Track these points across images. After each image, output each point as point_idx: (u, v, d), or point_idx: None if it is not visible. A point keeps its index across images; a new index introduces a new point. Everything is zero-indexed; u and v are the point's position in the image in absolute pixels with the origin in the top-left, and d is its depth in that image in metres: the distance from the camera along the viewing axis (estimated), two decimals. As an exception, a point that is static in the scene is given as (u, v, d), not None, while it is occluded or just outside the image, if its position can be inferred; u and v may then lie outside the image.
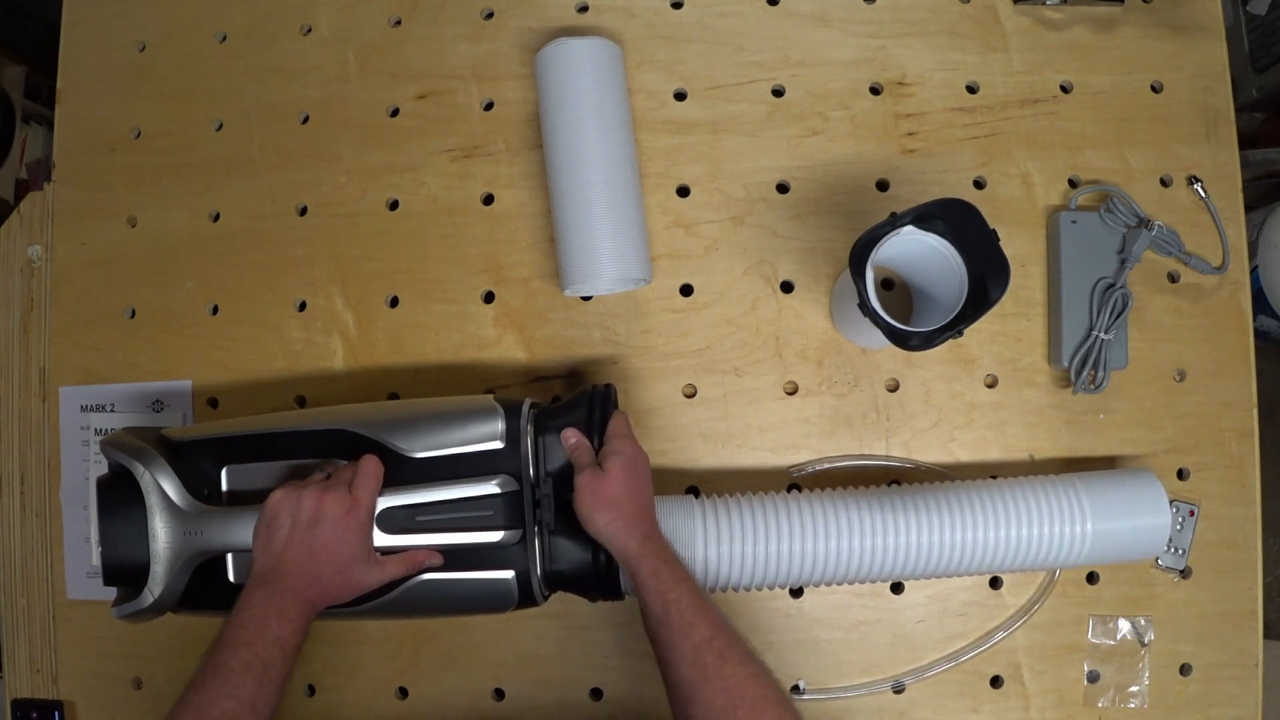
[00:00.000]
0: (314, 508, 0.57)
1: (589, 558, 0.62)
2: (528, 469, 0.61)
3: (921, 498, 0.65)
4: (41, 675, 0.79)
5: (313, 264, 0.78)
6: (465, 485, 0.60)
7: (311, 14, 0.82)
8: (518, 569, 0.61)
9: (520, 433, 0.62)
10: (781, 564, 0.64)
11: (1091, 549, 0.65)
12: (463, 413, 0.63)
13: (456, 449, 0.61)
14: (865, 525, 0.64)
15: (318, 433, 0.64)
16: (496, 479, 0.60)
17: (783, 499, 0.66)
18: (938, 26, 0.77)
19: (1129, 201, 0.73)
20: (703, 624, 0.55)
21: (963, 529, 0.64)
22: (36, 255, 0.83)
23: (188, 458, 0.64)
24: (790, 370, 0.74)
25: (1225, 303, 0.74)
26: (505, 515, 0.60)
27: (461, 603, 0.62)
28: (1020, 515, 0.64)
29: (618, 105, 0.71)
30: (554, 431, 0.63)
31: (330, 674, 0.75)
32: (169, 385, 0.79)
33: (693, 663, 0.54)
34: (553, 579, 0.63)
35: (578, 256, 0.69)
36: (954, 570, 0.66)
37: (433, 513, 0.60)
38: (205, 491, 0.63)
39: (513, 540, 0.60)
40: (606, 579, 0.62)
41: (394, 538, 0.60)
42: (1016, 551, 0.64)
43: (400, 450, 0.62)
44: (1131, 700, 0.71)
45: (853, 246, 0.61)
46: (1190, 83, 0.77)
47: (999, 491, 0.66)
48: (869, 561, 0.64)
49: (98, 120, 0.84)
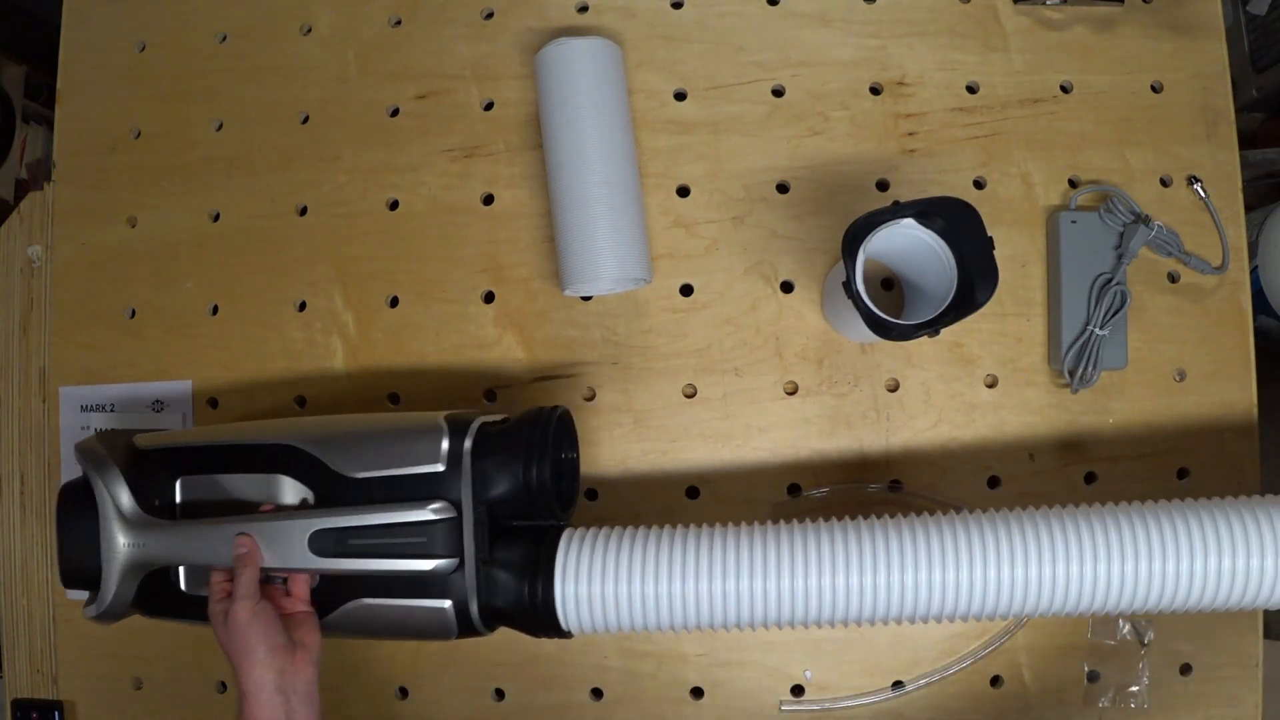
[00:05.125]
0: (227, 639, 0.57)
1: (524, 593, 0.58)
2: (468, 495, 0.58)
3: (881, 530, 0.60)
4: (41, 675, 0.79)
5: (313, 264, 0.79)
6: (400, 510, 0.57)
7: (311, 14, 0.82)
8: (455, 599, 0.58)
9: (463, 455, 0.59)
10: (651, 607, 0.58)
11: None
12: (407, 432, 0.60)
13: (396, 470, 0.58)
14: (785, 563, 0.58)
15: (266, 447, 0.62)
16: (433, 505, 0.57)
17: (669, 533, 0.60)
18: (938, 26, 0.77)
19: (1129, 201, 0.73)
20: None
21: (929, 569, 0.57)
22: (36, 255, 0.83)
23: (148, 467, 0.64)
24: (790, 370, 0.74)
25: (1225, 303, 0.74)
26: (441, 543, 0.57)
27: (399, 629, 0.60)
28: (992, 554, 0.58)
29: (618, 105, 0.71)
30: (496, 455, 0.59)
31: (330, 674, 0.75)
32: (169, 385, 0.79)
33: None
34: (491, 611, 0.59)
35: (578, 256, 0.69)
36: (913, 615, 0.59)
37: (365, 537, 0.58)
38: (157, 502, 0.63)
39: (447, 570, 0.57)
40: (544, 616, 0.59)
41: (326, 561, 0.58)
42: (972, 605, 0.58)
43: (340, 470, 0.59)
44: (1131, 700, 0.71)
45: (849, 227, 0.61)
46: (1190, 83, 0.77)
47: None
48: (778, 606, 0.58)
49: (98, 120, 0.84)
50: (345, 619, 0.60)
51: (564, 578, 0.58)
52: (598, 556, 0.58)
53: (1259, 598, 0.56)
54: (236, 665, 0.56)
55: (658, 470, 0.74)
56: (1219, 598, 0.56)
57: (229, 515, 0.60)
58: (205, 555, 0.60)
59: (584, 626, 0.59)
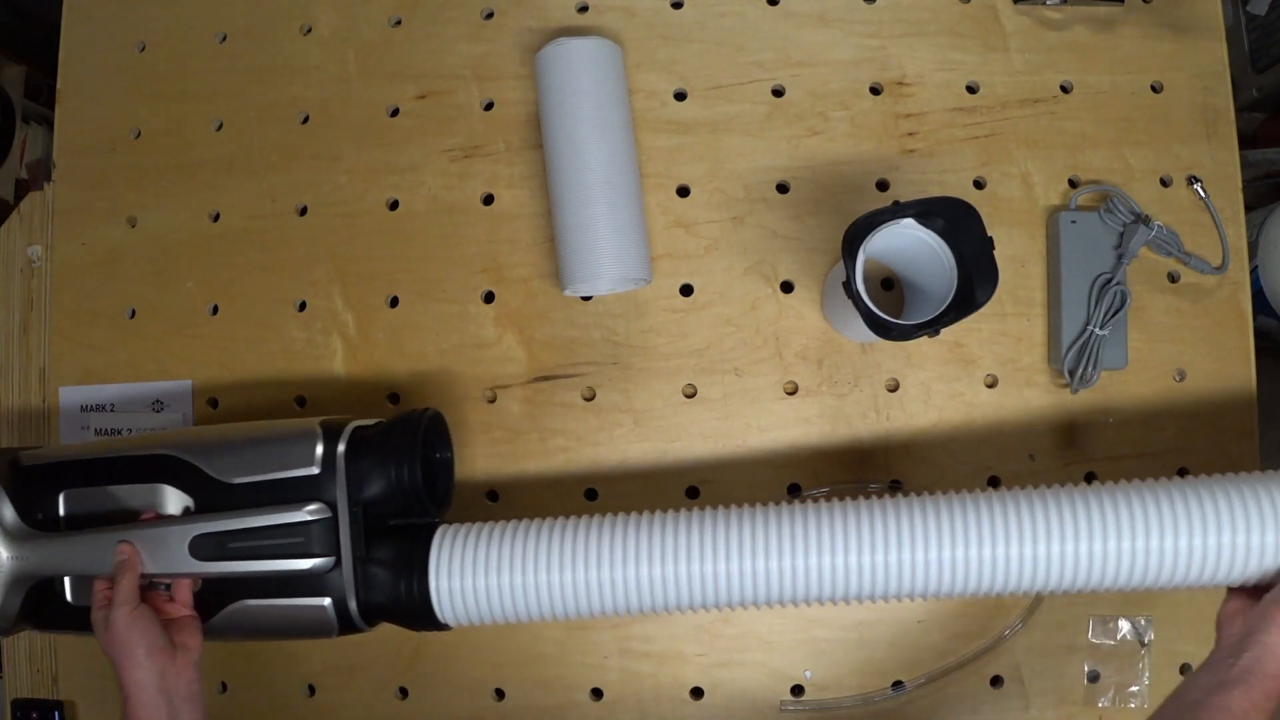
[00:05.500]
0: (108, 643, 0.58)
1: (401, 588, 0.60)
2: (343, 496, 0.60)
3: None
4: (41, 675, 0.79)
5: (313, 264, 0.79)
6: (276, 512, 0.59)
7: (311, 14, 0.82)
8: (334, 597, 0.60)
9: (336, 458, 0.61)
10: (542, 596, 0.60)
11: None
12: (282, 437, 0.62)
13: (272, 474, 0.60)
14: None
15: (147, 458, 0.64)
16: (309, 506, 0.59)
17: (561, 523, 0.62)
18: (938, 26, 0.77)
19: (1129, 201, 0.73)
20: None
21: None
22: (36, 255, 0.83)
23: (31, 482, 0.65)
24: (790, 370, 0.74)
25: (1225, 303, 0.74)
26: (317, 542, 0.59)
27: (282, 628, 0.62)
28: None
29: (618, 105, 0.71)
30: (369, 457, 0.62)
31: (330, 674, 0.75)
32: (169, 385, 0.79)
33: None
34: (371, 608, 0.62)
35: (578, 256, 0.69)
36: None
37: (243, 540, 0.59)
38: (40, 516, 0.64)
39: (325, 568, 0.59)
40: (421, 610, 0.60)
41: (206, 565, 0.60)
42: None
43: (218, 476, 0.61)
44: (1131, 700, 0.71)
45: (849, 227, 0.61)
46: (1190, 83, 0.77)
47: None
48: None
49: (98, 120, 0.84)
50: (229, 621, 0.62)
51: (438, 572, 0.60)
52: (469, 550, 0.60)
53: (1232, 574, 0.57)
54: (118, 668, 0.57)
55: (658, 470, 0.74)
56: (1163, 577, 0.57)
57: (112, 525, 0.62)
58: (88, 565, 0.62)
59: (460, 619, 0.61)
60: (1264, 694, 0.48)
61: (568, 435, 0.75)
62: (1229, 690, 0.49)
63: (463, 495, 0.75)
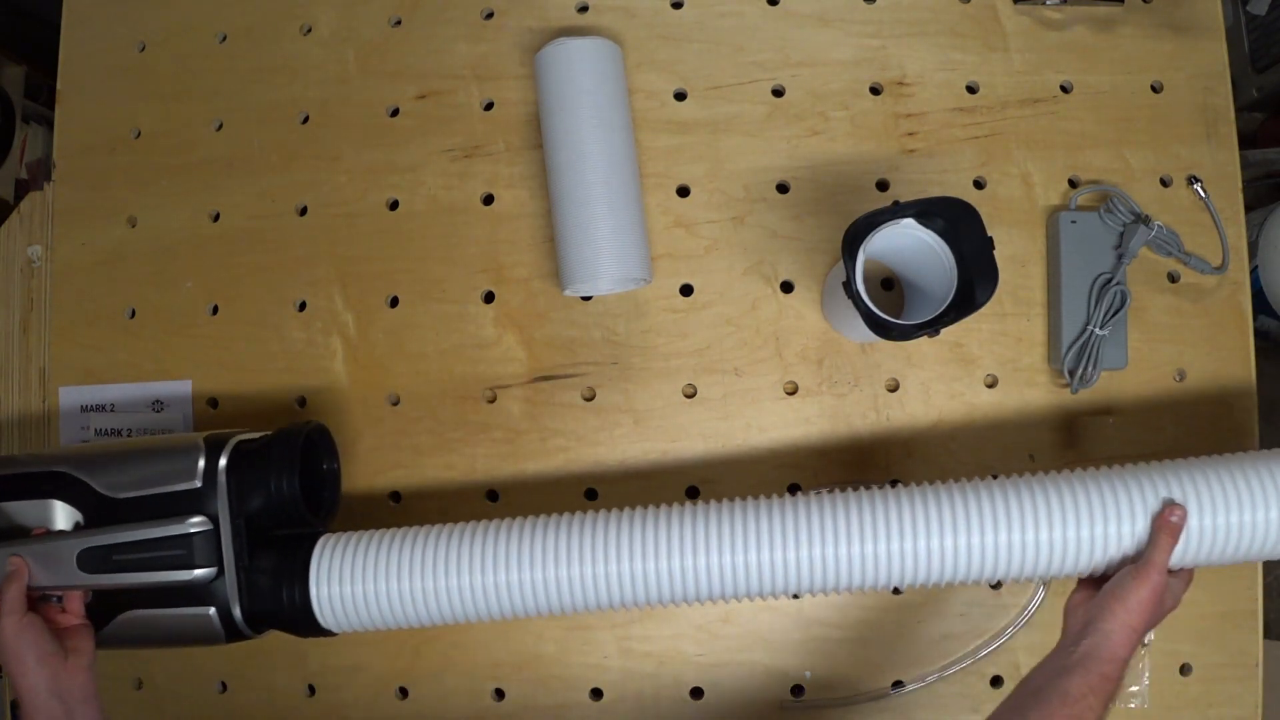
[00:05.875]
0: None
1: (283, 596, 0.62)
2: (225, 508, 0.62)
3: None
4: (41, 675, 0.79)
5: (313, 264, 0.79)
6: (160, 526, 0.62)
7: (311, 14, 0.82)
8: (219, 606, 0.62)
9: (218, 472, 0.63)
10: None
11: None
12: (167, 453, 0.64)
13: (157, 489, 0.63)
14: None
15: (38, 475, 0.65)
16: (192, 519, 0.61)
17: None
18: (938, 26, 0.77)
19: (1129, 201, 0.73)
20: None
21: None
22: (36, 255, 0.83)
23: None
24: (790, 370, 0.74)
25: (1225, 303, 0.74)
26: (200, 554, 0.61)
27: (170, 636, 0.64)
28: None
29: (618, 105, 0.71)
30: (249, 470, 0.64)
31: (330, 674, 0.75)
32: (169, 385, 0.79)
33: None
34: (256, 617, 0.63)
35: (578, 256, 0.69)
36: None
37: (129, 552, 0.62)
38: None
39: (208, 578, 0.62)
40: (303, 618, 0.62)
41: (94, 577, 0.62)
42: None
43: (106, 492, 0.63)
44: (1131, 700, 0.71)
45: (849, 227, 0.61)
46: (1190, 83, 0.77)
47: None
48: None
49: (98, 120, 0.84)
50: (121, 629, 0.63)
51: (318, 580, 0.62)
52: (349, 558, 0.62)
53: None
54: (10, 675, 0.59)
55: (658, 470, 0.74)
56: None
57: (4, 541, 0.63)
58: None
59: (342, 625, 0.63)
60: (1101, 677, 0.51)
61: (568, 435, 0.75)
62: (1068, 676, 0.52)
63: (462, 496, 0.75)
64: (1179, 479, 0.58)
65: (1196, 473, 0.58)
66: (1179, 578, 0.58)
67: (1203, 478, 0.58)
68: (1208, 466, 0.59)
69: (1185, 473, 0.59)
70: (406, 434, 0.76)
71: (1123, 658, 0.53)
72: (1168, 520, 0.56)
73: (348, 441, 0.76)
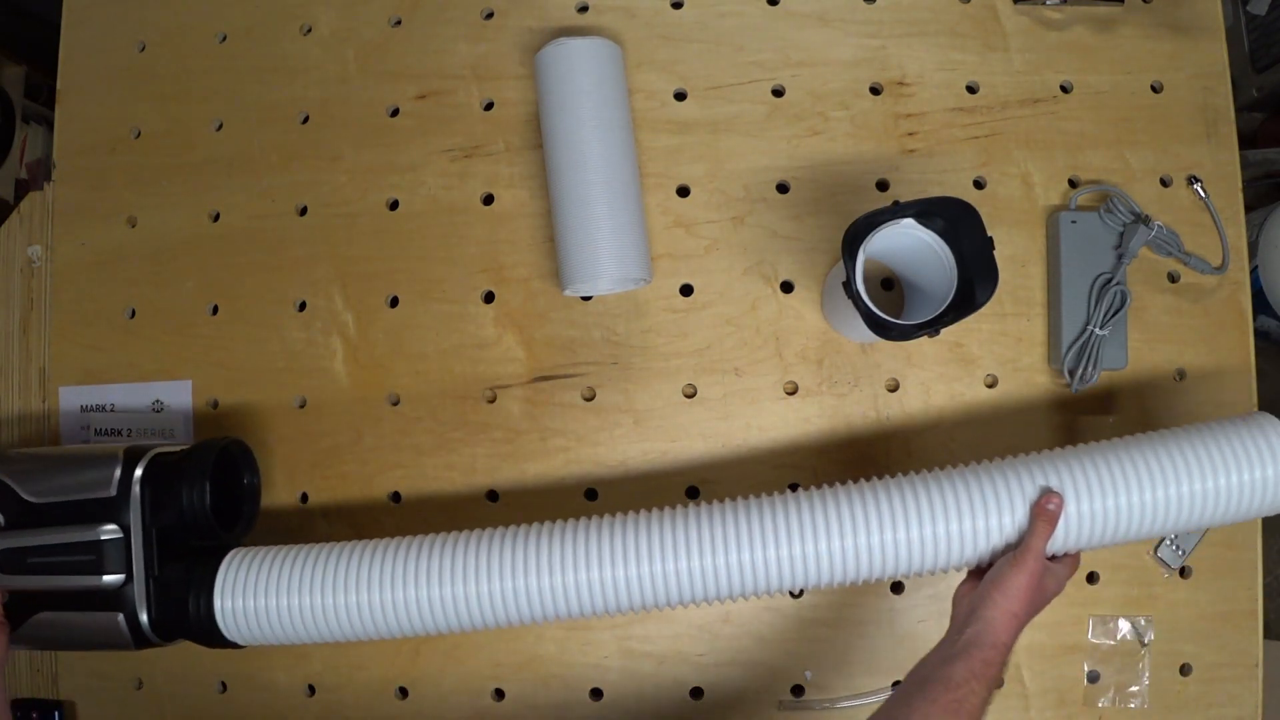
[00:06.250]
0: None
1: (189, 607, 0.64)
2: (136, 518, 0.64)
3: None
4: (41, 675, 0.79)
5: (313, 264, 0.78)
6: (73, 531, 0.64)
7: (311, 14, 0.82)
8: (127, 612, 0.64)
9: (133, 483, 0.65)
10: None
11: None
12: (88, 462, 0.66)
13: (74, 496, 0.65)
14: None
15: None
16: (104, 527, 0.64)
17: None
18: (938, 26, 0.77)
19: (1129, 201, 0.73)
20: None
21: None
22: (36, 255, 0.83)
23: None
24: (790, 370, 0.74)
25: (1225, 303, 0.74)
26: (110, 561, 0.64)
27: (81, 639, 0.66)
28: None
29: (618, 105, 0.71)
30: (163, 482, 0.65)
31: (330, 674, 0.75)
32: (169, 386, 0.79)
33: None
34: (164, 625, 0.65)
35: (578, 256, 0.69)
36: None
37: (43, 555, 0.64)
38: None
39: (116, 585, 0.64)
40: (207, 628, 0.64)
41: (9, 579, 0.65)
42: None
43: (27, 497, 0.65)
44: (1131, 700, 0.71)
45: (849, 227, 0.61)
46: (1190, 83, 0.77)
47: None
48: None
49: (98, 120, 0.84)
50: (34, 630, 0.66)
51: (222, 593, 0.63)
52: (254, 573, 0.63)
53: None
54: None
55: (658, 470, 0.74)
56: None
57: None
58: None
59: (245, 638, 0.64)
60: (983, 663, 0.53)
61: (568, 435, 0.75)
62: (952, 663, 0.53)
63: (462, 496, 0.75)
64: (1056, 468, 0.59)
65: (1074, 460, 0.59)
66: (1063, 563, 0.60)
67: (1079, 465, 0.59)
68: (1085, 454, 0.60)
69: (1064, 461, 0.60)
70: (406, 434, 0.76)
71: (1004, 643, 0.54)
72: (1044, 508, 0.57)
73: (348, 441, 0.76)
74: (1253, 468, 0.58)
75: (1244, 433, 0.59)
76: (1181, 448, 0.59)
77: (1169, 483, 0.58)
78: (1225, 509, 0.58)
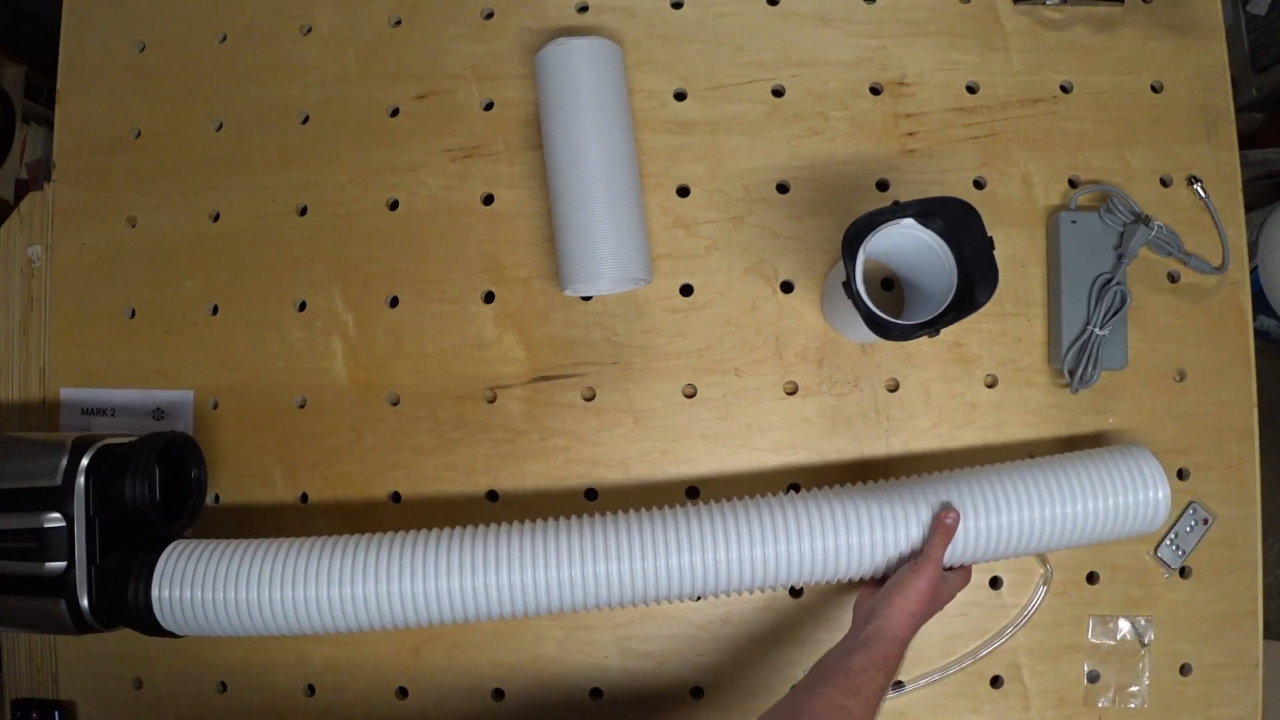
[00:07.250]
0: None
1: (128, 595, 0.65)
2: (80, 507, 0.65)
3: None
4: (41, 675, 0.79)
5: (313, 264, 0.79)
6: (17, 518, 0.65)
7: (311, 14, 0.82)
8: (68, 599, 0.65)
9: (78, 473, 0.65)
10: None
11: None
12: (34, 451, 0.67)
13: (20, 484, 0.66)
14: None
15: None
16: (48, 515, 0.65)
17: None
18: (938, 26, 0.77)
19: (1129, 201, 0.73)
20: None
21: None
22: (36, 255, 0.83)
23: None
24: (790, 370, 0.74)
25: (1225, 303, 0.74)
26: (52, 548, 0.64)
27: (24, 622, 0.68)
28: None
29: (618, 105, 0.71)
30: (107, 473, 0.66)
31: (330, 674, 0.75)
32: (171, 395, 0.79)
33: None
34: (105, 612, 0.66)
35: (578, 256, 0.69)
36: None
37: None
38: None
39: (57, 572, 0.64)
40: (145, 617, 0.65)
41: None
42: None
43: None
44: (1131, 700, 0.71)
45: (849, 227, 0.61)
46: (1190, 83, 0.77)
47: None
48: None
49: (98, 120, 0.84)
50: None
51: (160, 583, 0.65)
52: (192, 565, 0.65)
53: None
54: None
55: (658, 470, 0.74)
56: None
57: None
58: None
59: (181, 628, 0.65)
60: (881, 654, 0.58)
61: (568, 435, 0.75)
62: (853, 654, 0.58)
63: (462, 496, 0.75)
64: (958, 487, 0.65)
65: (973, 481, 0.65)
66: (957, 574, 0.66)
67: (976, 486, 0.65)
68: (983, 475, 0.66)
69: (964, 482, 0.66)
70: (406, 434, 0.76)
71: (902, 639, 0.59)
72: (942, 521, 0.63)
73: (348, 441, 0.76)
74: (1126, 493, 0.65)
75: (1120, 462, 0.66)
76: (1066, 473, 0.65)
77: (1053, 503, 0.64)
78: (1102, 528, 0.65)
